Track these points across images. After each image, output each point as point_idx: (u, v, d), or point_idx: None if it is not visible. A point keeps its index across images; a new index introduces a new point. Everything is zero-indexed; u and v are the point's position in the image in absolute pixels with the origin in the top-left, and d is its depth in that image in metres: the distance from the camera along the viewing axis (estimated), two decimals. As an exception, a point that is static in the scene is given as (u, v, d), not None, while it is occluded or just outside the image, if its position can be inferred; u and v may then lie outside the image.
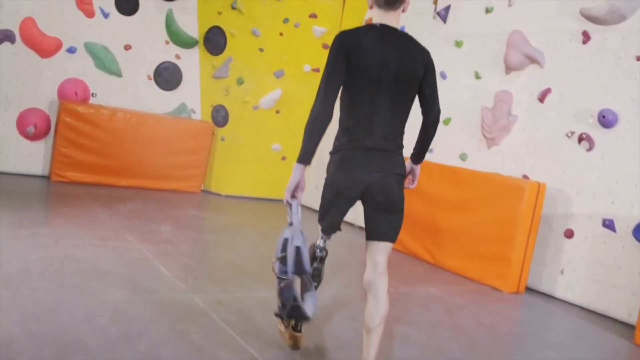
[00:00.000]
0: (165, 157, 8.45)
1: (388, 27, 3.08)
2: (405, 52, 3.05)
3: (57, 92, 8.04)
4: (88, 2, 8.08)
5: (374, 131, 3.03)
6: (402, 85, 3.05)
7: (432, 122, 3.27)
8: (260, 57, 8.53)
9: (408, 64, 3.04)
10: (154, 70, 8.71)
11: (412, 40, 3.15)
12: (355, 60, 2.99)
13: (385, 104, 3.03)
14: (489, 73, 6.76)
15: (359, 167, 3.04)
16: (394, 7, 3.08)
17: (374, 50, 2.99)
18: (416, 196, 6.69)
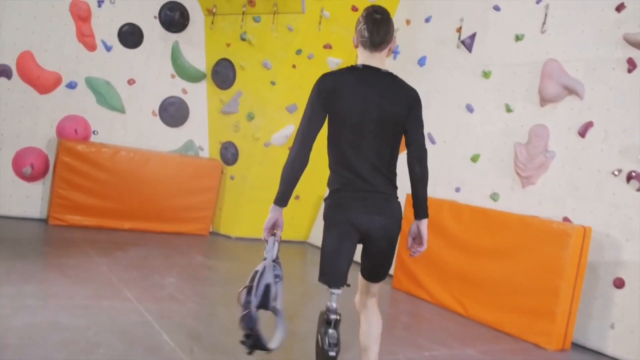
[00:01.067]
0: (171, 198, 7.93)
1: (371, 69, 3.04)
2: (387, 93, 3.02)
3: (56, 130, 7.57)
4: (89, 35, 7.64)
5: (363, 175, 3.01)
6: (385, 127, 3.02)
7: (414, 157, 3.11)
8: (271, 90, 8.04)
9: (389, 107, 3.01)
10: (159, 106, 8.26)
11: (396, 81, 3.10)
12: (336, 105, 2.98)
13: (369, 147, 3.01)
14: (522, 106, 6.21)
15: (356, 208, 3.02)
16: (379, 49, 3.05)
17: (355, 94, 2.98)
18: (445, 241, 6.11)
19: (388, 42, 3.06)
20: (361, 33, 3.06)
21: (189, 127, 8.48)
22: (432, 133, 7.07)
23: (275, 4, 7.59)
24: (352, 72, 3.06)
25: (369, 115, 2.99)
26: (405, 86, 3.13)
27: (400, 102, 3.04)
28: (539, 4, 6.15)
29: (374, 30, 3.02)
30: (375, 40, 3.03)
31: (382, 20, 3.05)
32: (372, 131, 3.00)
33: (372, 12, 3.07)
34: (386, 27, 3.05)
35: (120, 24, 7.85)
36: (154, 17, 8.05)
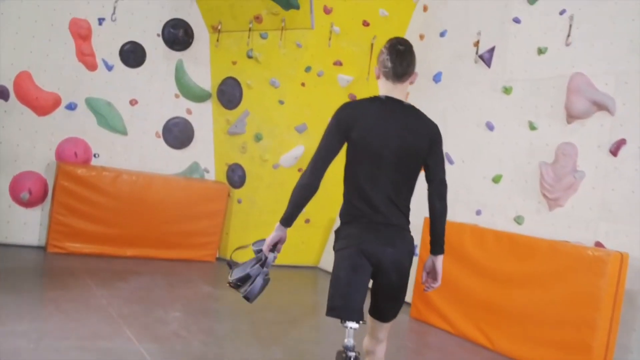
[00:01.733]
0: (175, 223, 7.58)
1: (393, 100, 3.04)
2: (409, 126, 3.02)
3: (55, 154, 7.26)
4: (90, 54, 7.34)
5: (378, 207, 2.99)
6: (405, 160, 3.00)
7: (435, 193, 3.12)
8: (280, 110, 7.70)
9: (411, 139, 3.00)
10: (162, 127, 7.95)
11: (418, 114, 3.11)
12: (356, 135, 2.97)
13: (386, 179, 2.99)
14: (547, 123, 5.84)
15: (368, 240, 2.99)
16: (401, 80, 3.05)
17: (376, 125, 2.98)
18: (467, 268, 5.72)
19: (410, 74, 3.07)
20: (384, 64, 3.05)
21: (194, 149, 8.15)
22: (450, 153, 6.71)
23: (283, 19, 7.28)
24: (374, 103, 3.06)
25: (389, 147, 2.98)
26: (427, 120, 3.13)
27: (422, 136, 3.03)
28: (562, 15, 5.81)
29: (397, 61, 3.02)
30: (398, 71, 3.02)
31: (406, 51, 3.06)
32: (391, 163, 2.99)
33: (395, 44, 3.08)
34: (409, 58, 3.06)
35: (121, 42, 7.56)
36: (157, 35, 7.77)
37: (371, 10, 7.32)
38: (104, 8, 7.38)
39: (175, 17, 7.81)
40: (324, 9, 7.15)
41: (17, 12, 6.93)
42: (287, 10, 7.17)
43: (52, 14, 7.10)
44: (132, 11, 7.53)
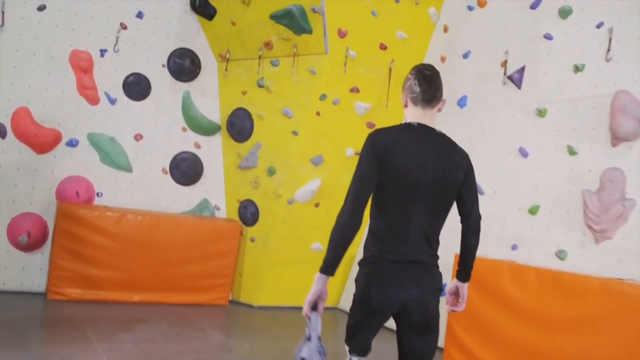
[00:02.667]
0: (185, 265, 7.08)
1: (426, 127, 2.94)
2: (444, 154, 2.91)
3: (56, 193, 6.82)
4: (91, 87, 6.95)
5: (408, 241, 2.87)
6: (440, 190, 2.88)
7: (472, 229, 3.06)
8: (294, 141, 7.24)
9: (447, 168, 2.89)
10: (169, 163, 7.50)
11: (451, 142, 3.01)
12: (390, 163, 2.84)
13: (421, 210, 2.87)
14: (589, 147, 5.30)
15: (394, 281, 2.87)
16: (431, 105, 2.96)
17: (411, 152, 2.86)
18: (506, 310, 5.14)
19: (439, 99, 2.98)
20: (411, 89, 2.96)
21: (203, 185, 7.70)
22: (480, 182, 6.10)
23: (295, 45, 6.86)
24: (407, 130, 2.94)
25: (426, 176, 2.86)
26: (459, 149, 3.02)
27: (457, 165, 2.94)
28: (600, 28, 5.33)
29: (425, 85, 2.93)
30: (427, 95, 2.93)
31: (433, 76, 2.97)
32: (426, 194, 2.87)
33: (421, 69, 3.00)
34: (437, 82, 2.98)
35: (125, 74, 7.17)
36: (162, 65, 7.38)
37: (388, 32, 6.89)
38: (106, 39, 7.01)
39: (181, 46, 7.43)
40: (338, 33, 6.72)
41: (14, 45, 6.57)
42: (299, 35, 6.76)
43: (51, 46, 6.74)
44: (136, 41, 7.16)
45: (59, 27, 6.76)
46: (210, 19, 7.35)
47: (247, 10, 7.01)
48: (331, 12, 6.58)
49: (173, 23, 7.37)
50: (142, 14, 7.18)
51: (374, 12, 6.77)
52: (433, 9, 6.99)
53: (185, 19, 7.43)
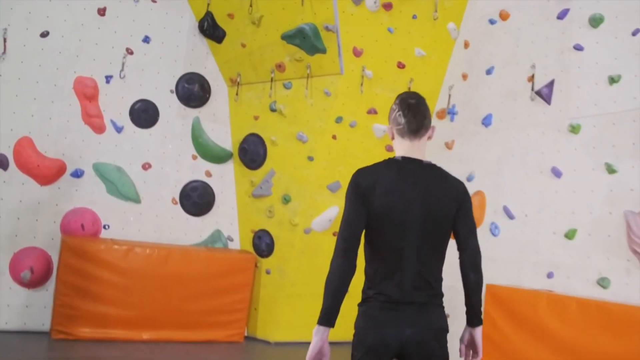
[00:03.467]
0: (196, 301, 6.74)
1: (411, 161, 2.84)
2: (432, 188, 2.81)
3: (60, 227, 6.54)
4: (97, 115, 6.70)
5: (402, 282, 2.76)
6: (430, 227, 2.79)
7: (469, 264, 2.86)
8: (309, 167, 6.92)
9: (436, 203, 2.79)
10: (179, 192, 7.21)
11: (440, 173, 2.88)
12: (373, 205, 2.75)
13: (412, 250, 2.77)
14: (629, 164, 4.90)
15: (388, 322, 2.76)
16: (418, 136, 2.85)
17: (395, 190, 2.78)
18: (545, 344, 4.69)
19: (427, 128, 2.86)
20: (396, 121, 2.86)
21: (215, 215, 7.39)
22: (509, 205, 5.78)
23: (308, 65, 6.55)
24: (390, 166, 2.84)
25: (413, 214, 2.76)
26: (451, 179, 2.90)
27: (448, 198, 2.82)
28: (636, 36, 4.96)
29: (410, 115, 2.82)
30: (413, 126, 2.81)
31: (418, 104, 2.86)
32: (416, 233, 2.77)
33: (405, 98, 2.89)
34: (423, 111, 2.86)
35: (131, 101, 6.92)
36: (170, 91, 7.13)
37: (406, 50, 6.57)
38: (112, 65, 6.78)
39: (189, 71, 7.18)
40: (353, 51, 6.41)
41: (16, 74, 6.36)
42: (312, 55, 6.46)
43: (55, 73, 6.52)
44: (143, 67, 6.93)
45: (62, 53, 6.55)
46: (220, 42, 7.10)
47: (257, 32, 6.75)
48: (345, 30, 6.28)
49: (181, 47, 7.14)
50: (149, 38, 6.95)
51: (390, 29, 6.45)
52: (452, 24, 6.66)
53: (194, 42, 7.19)
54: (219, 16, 7.01)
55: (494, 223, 5.92)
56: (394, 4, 6.35)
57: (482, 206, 6.06)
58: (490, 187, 6.05)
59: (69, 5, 6.56)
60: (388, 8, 6.35)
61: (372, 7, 6.28)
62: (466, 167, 6.27)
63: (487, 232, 5.95)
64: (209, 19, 6.99)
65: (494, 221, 5.93)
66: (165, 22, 7.03)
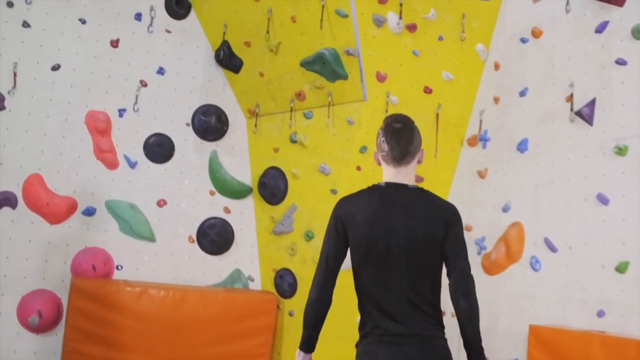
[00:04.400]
0: (214, 346, 6.32)
1: (395, 186, 2.80)
2: (417, 212, 2.73)
3: (71, 268, 6.23)
4: (109, 150, 6.43)
5: (395, 315, 2.67)
6: (418, 254, 2.70)
7: (458, 288, 2.69)
8: (333, 201, 6.25)
9: (422, 228, 2.71)
10: (197, 230, 6.86)
11: (427, 196, 2.81)
12: (354, 233, 2.74)
13: (400, 278, 2.69)
14: (687, 186, 4.36)
15: (386, 357, 2.65)
16: (403, 163, 2.79)
17: (377, 219, 2.72)
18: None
19: (413, 154, 2.80)
20: (380, 147, 2.84)
21: (234, 254, 7.00)
22: (551, 237, 5.26)
23: (330, 93, 6.20)
24: (372, 192, 2.83)
25: (397, 241, 2.70)
26: (438, 202, 2.84)
27: (434, 222, 2.74)
28: (687, 45, 4.47)
29: (394, 142, 2.78)
30: (396, 153, 2.77)
31: (403, 129, 2.80)
32: (402, 261, 2.69)
33: (391, 122, 2.84)
34: (408, 136, 2.80)
35: (146, 135, 6.66)
36: (186, 124, 6.84)
37: (433, 74, 6.16)
38: (125, 98, 6.54)
39: (206, 102, 6.90)
40: (376, 76, 6.04)
41: (26, 108, 6.16)
42: (333, 82, 6.11)
43: (66, 107, 6.31)
44: (157, 99, 6.67)
45: (74, 87, 6.35)
46: (237, 72, 6.81)
47: (275, 59, 6.44)
48: (367, 54, 5.91)
49: (197, 78, 6.88)
50: (164, 70, 6.71)
51: (415, 52, 6.08)
52: (481, 45, 6.25)
53: (210, 73, 6.93)
54: (236, 45, 6.75)
55: (534, 257, 5.40)
56: (418, 25, 5.98)
57: (521, 239, 5.55)
58: (529, 217, 5.54)
59: (81, 37, 6.37)
60: (412, 29, 5.98)
61: (395, 29, 5.92)
62: (501, 197, 5.79)
63: (527, 267, 5.43)
64: (225, 48, 6.72)
65: (534, 255, 5.40)
66: (180, 52, 6.79)
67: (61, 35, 6.30)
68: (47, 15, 6.26)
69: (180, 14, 6.79)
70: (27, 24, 6.16)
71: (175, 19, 6.78)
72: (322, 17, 5.87)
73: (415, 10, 5.97)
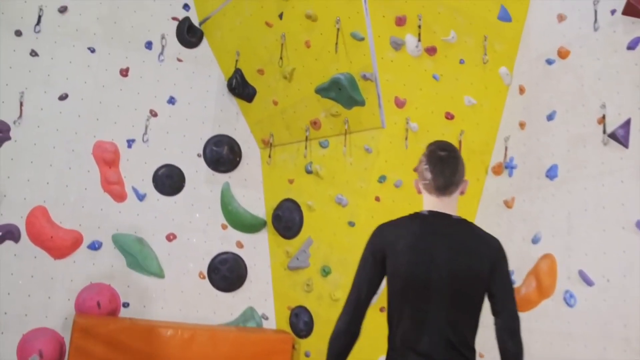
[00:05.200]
0: (226, 389, 5.90)
1: (439, 215, 2.69)
2: (462, 245, 2.64)
3: (75, 305, 5.92)
4: (117, 182, 6.18)
5: (432, 355, 2.54)
6: (460, 288, 2.58)
7: (506, 331, 2.59)
8: (351, 234, 6.14)
9: (466, 261, 2.61)
10: (208, 266, 6.54)
11: (471, 229, 2.73)
12: (393, 262, 2.63)
13: (441, 317, 2.56)
14: None
15: None
16: (447, 193, 2.70)
17: (418, 248, 2.63)
18: None
19: (457, 184, 2.74)
20: (423, 175, 2.76)
21: (247, 291, 6.67)
22: (586, 270, 4.87)
23: (346, 120, 5.93)
24: (414, 221, 2.73)
25: (438, 274, 2.57)
26: (484, 235, 2.75)
27: (480, 256, 2.64)
28: None
29: (438, 170, 2.69)
30: (440, 183, 2.69)
31: (449, 157, 2.72)
32: (442, 296, 2.56)
33: (435, 150, 2.76)
34: (453, 166, 2.72)
35: (155, 166, 6.41)
36: (198, 155, 6.61)
37: (455, 99, 5.88)
38: (134, 128, 6.33)
39: (218, 133, 6.67)
40: (395, 102, 5.75)
41: (32, 139, 5.96)
42: (349, 108, 5.84)
43: (73, 138, 6.10)
44: (167, 129, 6.46)
45: (82, 117, 6.15)
46: (250, 101, 6.59)
47: (290, 87, 6.21)
48: (385, 78, 5.64)
49: (209, 108, 6.67)
50: (175, 99, 6.51)
51: (435, 76, 5.80)
52: (504, 68, 5.97)
53: (223, 102, 6.72)
54: (249, 73, 6.54)
55: (568, 291, 4.99)
56: (438, 48, 5.72)
57: (553, 272, 5.15)
58: (561, 249, 5.15)
59: (89, 66, 6.20)
60: (432, 52, 5.72)
61: (414, 52, 5.66)
62: (531, 228, 5.41)
63: (561, 302, 5.02)
64: (238, 77, 6.51)
65: (569, 289, 4.99)
66: (192, 81, 6.60)
67: (69, 64, 6.14)
68: (56, 44, 6.11)
69: (192, 43, 6.63)
70: (35, 53, 6.02)
71: (186, 47, 6.62)
72: (337, 40, 5.65)
73: (434, 32, 5.72)
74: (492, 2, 5.88)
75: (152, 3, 6.52)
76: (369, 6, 5.46)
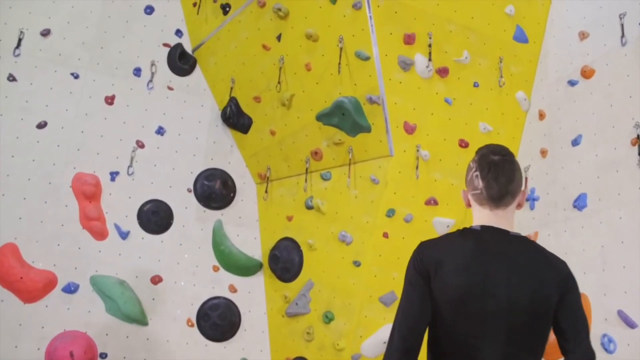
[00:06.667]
0: None
1: (495, 231, 2.33)
2: (524, 269, 2.26)
3: (45, 355, 5.27)
4: (97, 218, 5.63)
5: None
6: (521, 319, 2.22)
7: None
8: (355, 275, 5.63)
9: (529, 287, 2.24)
10: (197, 312, 5.96)
11: (535, 248, 2.35)
12: (439, 286, 2.25)
13: (495, 350, 2.20)
14: None
15: None
16: (502, 204, 2.36)
17: (472, 268, 2.24)
18: None
19: (514, 194, 2.35)
20: (473, 184, 2.42)
21: (241, 340, 6.07)
22: (626, 310, 4.32)
23: (350, 149, 5.47)
24: (465, 238, 2.33)
25: (494, 301, 2.20)
26: (550, 257, 2.36)
27: (546, 282, 2.25)
28: None
29: (491, 177, 2.35)
30: (494, 192, 2.33)
31: (504, 162, 2.37)
32: (500, 327, 2.20)
33: (487, 154, 2.41)
34: (508, 172, 2.37)
35: (140, 201, 5.89)
36: (188, 190, 6.10)
37: (469, 125, 5.45)
38: (119, 159, 5.83)
39: (210, 166, 6.18)
40: (404, 128, 5.31)
41: (5, 169, 5.45)
42: (354, 136, 5.40)
43: (50, 169, 5.59)
44: (155, 162, 5.97)
45: (61, 146, 5.65)
46: (246, 132, 6.15)
47: (288, 114, 5.78)
48: (393, 101, 5.22)
49: (201, 139, 6.20)
50: (163, 129, 6.04)
51: (447, 100, 5.38)
52: (521, 93, 5.56)
53: (216, 134, 6.27)
54: (244, 101, 6.11)
55: (606, 335, 4.42)
56: (450, 69, 5.32)
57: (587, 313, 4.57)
58: (596, 287, 4.60)
59: (72, 93, 5.75)
60: (443, 74, 5.31)
61: (424, 74, 5.25)
62: (558, 264, 4.87)
63: (598, 348, 4.41)
64: (233, 106, 6.08)
65: (606, 332, 4.43)
66: (183, 111, 6.15)
67: (50, 90, 5.70)
68: (36, 69, 5.69)
69: (184, 70, 6.22)
70: (12, 78, 5.59)
71: (178, 75, 6.22)
72: (340, 60, 5.25)
73: (446, 52, 5.33)
74: (508, 21, 5.52)
75: (142, 28, 6.16)
76: (374, 23, 5.09)
